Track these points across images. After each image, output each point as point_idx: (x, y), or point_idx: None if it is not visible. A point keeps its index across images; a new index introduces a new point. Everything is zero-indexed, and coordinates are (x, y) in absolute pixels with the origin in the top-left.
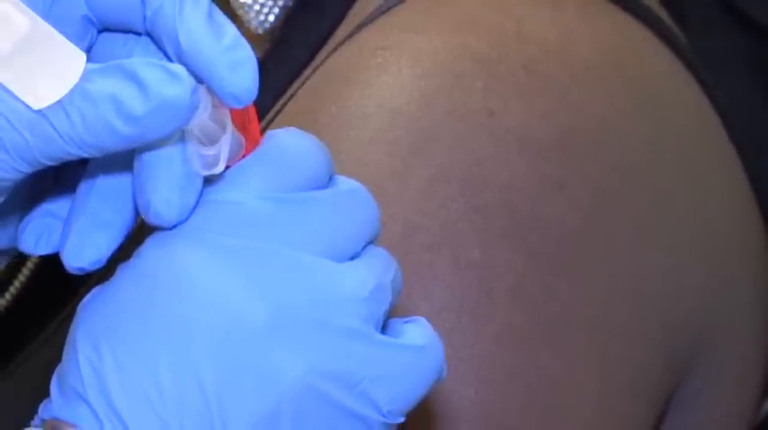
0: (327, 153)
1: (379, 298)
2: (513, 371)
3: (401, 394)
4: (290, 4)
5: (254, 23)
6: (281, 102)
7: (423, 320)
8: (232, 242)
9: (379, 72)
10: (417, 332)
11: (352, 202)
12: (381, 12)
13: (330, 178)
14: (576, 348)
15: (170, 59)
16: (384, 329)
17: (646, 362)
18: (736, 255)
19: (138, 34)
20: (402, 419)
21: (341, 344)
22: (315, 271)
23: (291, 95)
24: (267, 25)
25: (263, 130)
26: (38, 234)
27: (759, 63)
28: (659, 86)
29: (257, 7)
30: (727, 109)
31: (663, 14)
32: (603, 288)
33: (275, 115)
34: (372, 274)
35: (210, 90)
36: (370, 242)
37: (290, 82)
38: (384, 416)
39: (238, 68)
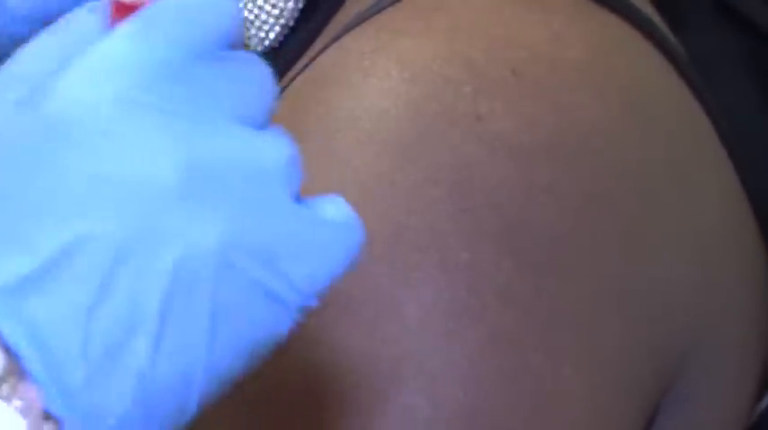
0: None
1: (295, 168)
2: (502, 372)
3: (318, 272)
4: (291, 23)
5: (253, 41)
6: None
7: (340, 199)
8: (139, 96)
9: (367, 75)
10: (335, 209)
11: (257, 69)
12: (371, 14)
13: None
14: (565, 350)
15: None
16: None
17: (635, 365)
18: (728, 258)
19: None
20: (316, 301)
21: (258, 215)
22: (231, 135)
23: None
24: (267, 43)
25: None
26: None
27: (755, 64)
28: (649, 89)
29: (258, 24)
30: (719, 111)
31: (654, 16)
32: (592, 290)
33: None
34: (288, 143)
35: None
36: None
37: (278, 79)
38: (300, 295)
39: None
